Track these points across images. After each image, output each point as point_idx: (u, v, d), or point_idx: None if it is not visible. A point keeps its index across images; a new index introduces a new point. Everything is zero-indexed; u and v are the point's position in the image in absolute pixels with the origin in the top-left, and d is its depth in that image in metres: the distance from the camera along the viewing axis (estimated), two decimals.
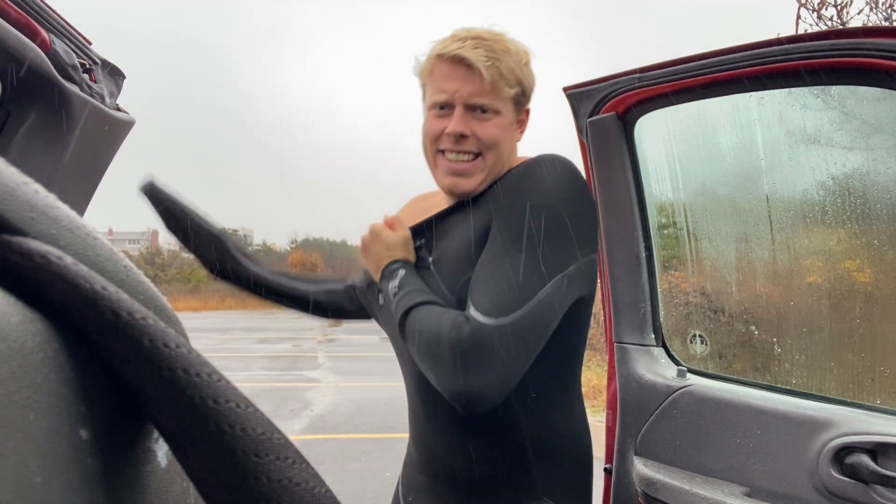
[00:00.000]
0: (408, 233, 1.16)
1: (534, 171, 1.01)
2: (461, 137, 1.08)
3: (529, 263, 0.94)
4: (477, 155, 1.09)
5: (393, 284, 1.08)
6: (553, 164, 1.02)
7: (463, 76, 1.06)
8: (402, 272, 1.09)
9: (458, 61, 1.06)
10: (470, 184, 1.10)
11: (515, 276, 0.94)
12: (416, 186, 1.34)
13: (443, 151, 1.11)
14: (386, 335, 1.26)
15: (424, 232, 1.17)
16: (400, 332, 1.06)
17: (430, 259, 1.12)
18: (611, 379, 1.71)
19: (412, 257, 1.14)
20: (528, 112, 1.17)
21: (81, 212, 1.38)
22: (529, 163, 1.04)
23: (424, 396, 1.14)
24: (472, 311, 0.93)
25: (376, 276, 1.15)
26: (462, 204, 1.14)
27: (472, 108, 1.08)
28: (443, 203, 1.20)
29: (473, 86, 1.06)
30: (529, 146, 1.22)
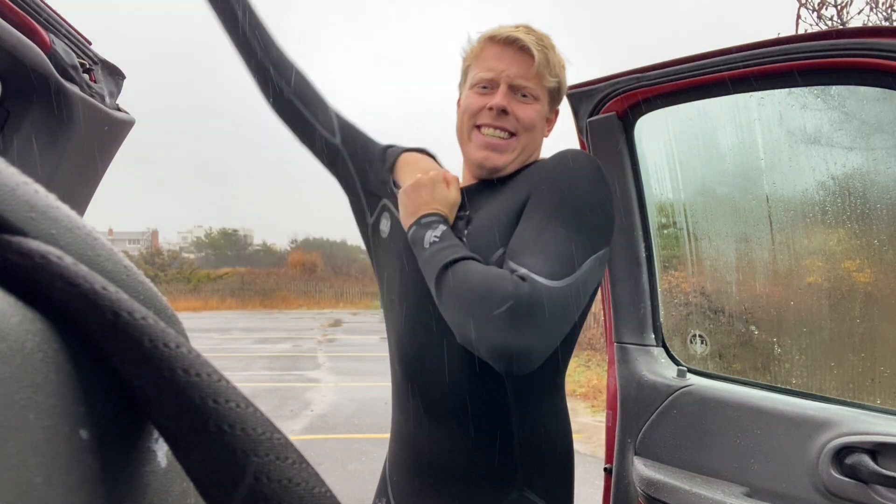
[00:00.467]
0: (458, 196, 1.15)
1: (569, 158, 1.06)
2: (502, 113, 1.12)
3: (575, 237, 0.97)
4: (512, 134, 1.13)
5: (433, 234, 1.06)
6: (585, 157, 1.08)
7: (512, 57, 1.12)
8: (443, 227, 1.07)
9: (511, 43, 1.12)
10: (502, 160, 1.14)
11: (565, 246, 0.96)
12: None
13: (479, 127, 1.14)
14: (385, 335, 1.26)
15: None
16: (436, 282, 1.00)
17: (466, 231, 1.11)
18: (611, 379, 1.71)
19: (452, 220, 1.13)
20: (557, 113, 1.22)
21: (81, 212, 1.38)
22: (561, 153, 1.08)
23: (415, 380, 1.14)
24: (526, 272, 0.92)
25: (411, 219, 1.11)
26: (489, 183, 1.17)
27: (514, 90, 1.12)
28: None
29: (521, 67, 1.11)
30: None
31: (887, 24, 4.55)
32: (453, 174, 1.19)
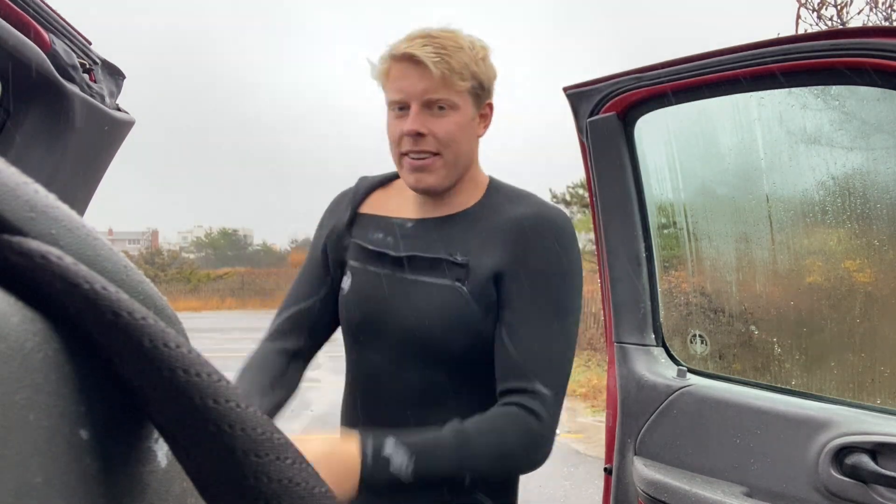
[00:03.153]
0: (329, 443, 0.98)
1: (550, 233, 1.11)
2: (418, 136, 1.09)
3: (566, 329, 1.10)
4: (435, 154, 1.11)
5: (398, 464, 0.94)
6: (564, 228, 1.12)
7: (415, 74, 1.08)
8: (389, 451, 0.95)
9: (408, 59, 1.08)
10: (432, 178, 1.12)
11: (566, 352, 1.10)
12: None
13: (405, 153, 1.13)
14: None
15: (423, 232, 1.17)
16: (451, 478, 1.00)
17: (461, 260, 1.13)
18: (611, 379, 1.71)
19: (353, 455, 0.96)
20: (490, 106, 1.19)
21: (81, 212, 1.38)
22: (543, 222, 1.12)
23: (367, 401, 1.18)
24: (539, 386, 1.04)
25: (356, 487, 0.95)
26: (447, 219, 1.17)
27: (428, 106, 1.09)
28: (410, 197, 1.21)
29: (425, 82, 1.08)
30: (530, 145, 1.23)
31: (887, 24, 4.55)
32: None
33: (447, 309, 1.09)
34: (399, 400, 1.14)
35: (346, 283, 1.22)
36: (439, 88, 1.08)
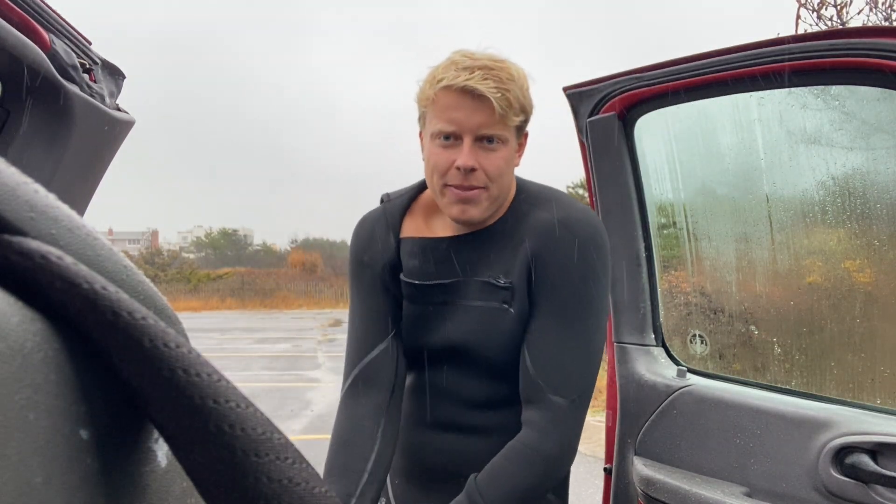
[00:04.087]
0: None
1: (573, 237, 1.10)
2: (470, 171, 1.08)
3: (588, 332, 1.11)
4: (482, 188, 1.10)
5: None
6: (588, 230, 1.12)
7: (471, 106, 1.05)
8: None
9: (468, 92, 1.04)
10: (476, 211, 1.12)
11: (581, 350, 1.11)
12: (415, 176, 1.33)
13: (451, 185, 1.11)
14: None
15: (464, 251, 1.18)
16: None
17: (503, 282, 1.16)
18: (611, 379, 1.71)
19: None
20: (527, 136, 1.18)
21: (81, 212, 1.38)
22: (568, 227, 1.11)
23: (434, 397, 1.22)
24: (552, 397, 1.08)
25: None
26: (478, 234, 1.17)
27: (479, 139, 1.08)
28: (438, 213, 1.22)
29: (483, 117, 1.05)
30: (530, 146, 1.23)
31: (887, 24, 4.54)
32: None
33: (499, 331, 1.14)
34: (464, 404, 1.20)
35: (406, 290, 1.23)
36: (496, 124, 1.06)
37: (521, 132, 1.14)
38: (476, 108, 1.05)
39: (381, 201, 1.30)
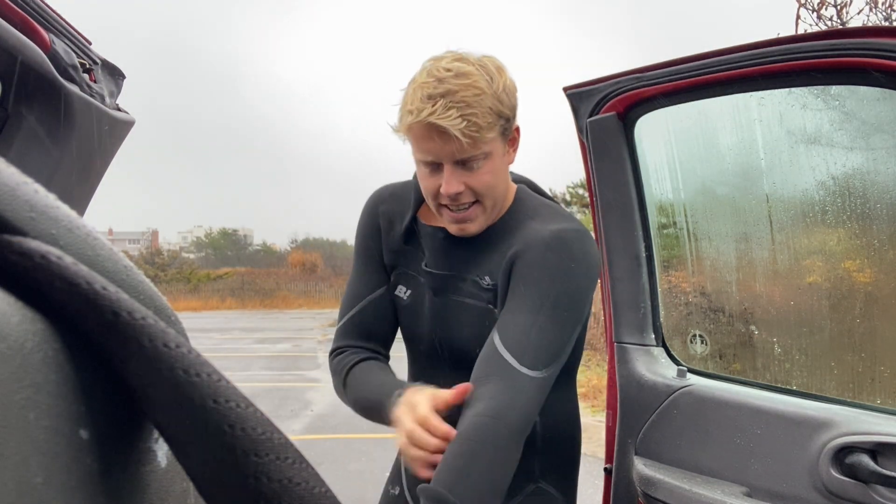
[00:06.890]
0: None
1: (558, 251, 1.11)
2: (456, 195, 1.10)
3: (558, 319, 1.08)
4: (475, 202, 1.13)
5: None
6: (573, 246, 1.12)
7: (441, 138, 1.05)
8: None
9: (434, 126, 1.04)
10: (474, 227, 1.16)
11: (548, 331, 1.07)
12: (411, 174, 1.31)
13: (444, 206, 1.14)
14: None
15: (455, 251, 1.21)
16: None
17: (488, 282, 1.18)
18: (611, 379, 1.71)
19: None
20: (517, 130, 1.18)
21: (81, 212, 1.38)
22: (563, 233, 1.12)
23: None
24: (521, 367, 1.03)
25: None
26: (483, 234, 1.19)
27: (461, 163, 1.09)
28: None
29: (455, 145, 1.05)
30: (530, 147, 1.23)
31: (887, 24, 4.55)
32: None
33: (485, 331, 1.14)
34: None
35: (403, 291, 1.27)
36: (468, 149, 1.06)
37: (507, 132, 1.13)
38: (445, 139, 1.04)
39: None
